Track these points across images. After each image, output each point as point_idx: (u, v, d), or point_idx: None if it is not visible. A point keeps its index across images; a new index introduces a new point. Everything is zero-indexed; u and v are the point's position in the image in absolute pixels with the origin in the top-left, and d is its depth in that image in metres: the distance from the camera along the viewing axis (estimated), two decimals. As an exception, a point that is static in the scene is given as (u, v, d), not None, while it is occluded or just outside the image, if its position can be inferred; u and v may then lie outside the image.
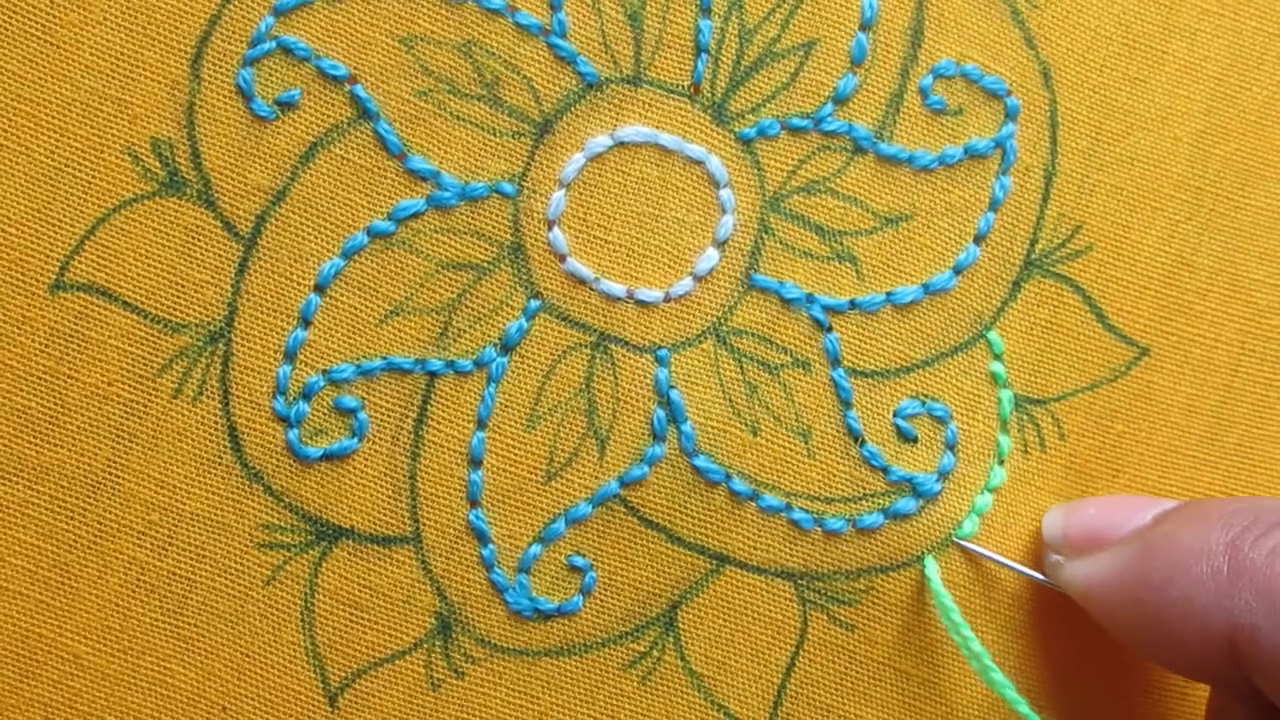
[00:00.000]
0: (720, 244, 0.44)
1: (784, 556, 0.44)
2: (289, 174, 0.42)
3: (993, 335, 0.46)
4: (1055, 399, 0.46)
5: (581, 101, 0.43)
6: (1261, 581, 0.38)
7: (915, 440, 0.45)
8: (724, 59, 0.43)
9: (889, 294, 0.45)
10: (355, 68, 0.42)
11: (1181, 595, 0.40)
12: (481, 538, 0.43)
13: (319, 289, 0.42)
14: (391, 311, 0.43)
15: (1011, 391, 0.46)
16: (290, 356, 0.42)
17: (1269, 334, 0.47)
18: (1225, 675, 0.40)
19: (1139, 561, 0.41)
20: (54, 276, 0.41)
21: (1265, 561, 0.38)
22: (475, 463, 0.43)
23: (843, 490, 0.44)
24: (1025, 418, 0.46)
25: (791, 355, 0.44)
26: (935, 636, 0.45)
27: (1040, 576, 0.45)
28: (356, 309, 0.43)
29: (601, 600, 0.44)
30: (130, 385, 0.42)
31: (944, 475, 0.45)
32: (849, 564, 0.45)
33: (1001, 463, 0.46)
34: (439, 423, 0.43)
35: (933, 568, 0.45)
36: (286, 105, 0.42)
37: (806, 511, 0.44)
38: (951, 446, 0.45)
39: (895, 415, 0.45)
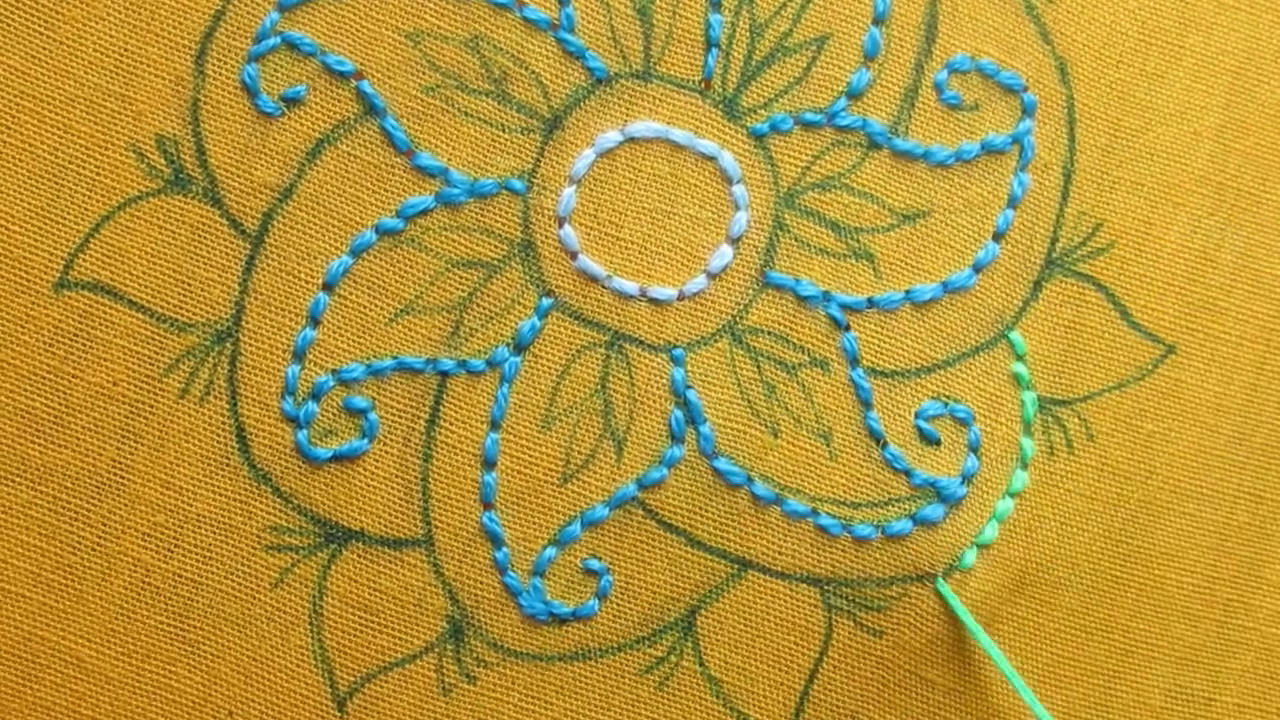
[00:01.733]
0: (734, 241, 0.43)
1: (810, 562, 0.44)
2: (296, 171, 0.42)
3: (1014, 336, 0.45)
4: (1081, 399, 0.45)
5: (591, 97, 0.43)
6: None
7: (938, 443, 0.44)
8: (735, 54, 0.43)
9: (908, 292, 0.44)
10: (361, 63, 0.42)
11: None
12: (495, 540, 0.43)
13: (327, 287, 0.42)
14: (401, 310, 0.42)
15: (1035, 394, 0.45)
16: (299, 356, 0.42)
17: None
18: None
19: None
20: (58, 275, 0.41)
21: None
22: (489, 464, 0.42)
23: (868, 495, 0.44)
24: (1051, 420, 0.45)
25: (809, 354, 0.44)
26: (964, 645, 0.44)
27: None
28: (366, 308, 0.42)
29: (618, 604, 0.43)
30: (136, 385, 0.41)
31: (968, 478, 0.44)
32: (880, 571, 0.44)
33: (1025, 467, 0.45)
34: (451, 423, 0.42)
35: (945, 587, 0.44)
36: (292, 101, 0.42)
37: (833, 517, 0.44)
38: (975, 449, 0.44)
39: (917, 417, 0.44)
